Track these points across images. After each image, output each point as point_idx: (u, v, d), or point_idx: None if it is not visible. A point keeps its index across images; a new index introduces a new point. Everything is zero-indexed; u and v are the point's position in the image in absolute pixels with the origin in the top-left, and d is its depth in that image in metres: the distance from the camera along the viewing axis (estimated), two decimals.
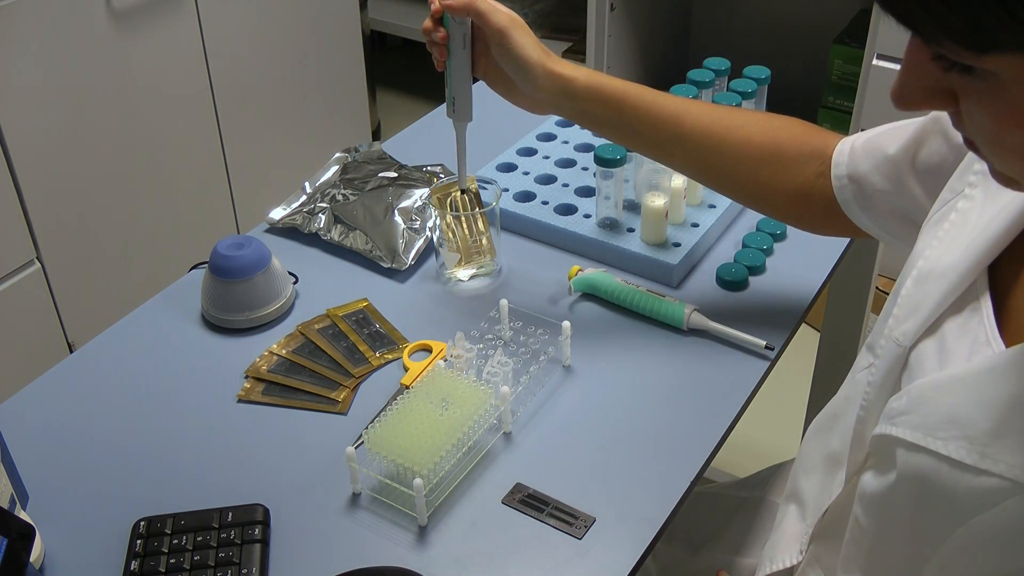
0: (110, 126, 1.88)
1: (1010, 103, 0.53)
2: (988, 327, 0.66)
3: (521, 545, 0.85)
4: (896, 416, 0.69)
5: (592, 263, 1.17)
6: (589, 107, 1.00)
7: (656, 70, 2.81)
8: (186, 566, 0.82)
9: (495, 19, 0.98)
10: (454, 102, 1.05)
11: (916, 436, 0.66)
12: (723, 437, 0.95)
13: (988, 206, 0.72)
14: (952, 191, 0.76)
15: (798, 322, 1.08)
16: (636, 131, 1.01)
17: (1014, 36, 0.49)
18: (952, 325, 0.69)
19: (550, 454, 0.94)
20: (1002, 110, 0.54)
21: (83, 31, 1.78)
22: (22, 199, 1.74)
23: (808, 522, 0.86)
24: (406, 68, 3.45)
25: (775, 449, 1.94)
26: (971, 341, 0.67)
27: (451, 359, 1.01)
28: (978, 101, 0.55)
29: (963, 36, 0.50)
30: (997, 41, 0.49)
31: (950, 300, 0.70)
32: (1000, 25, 0.48)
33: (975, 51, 0.51)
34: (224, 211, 2.21)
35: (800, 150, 0.98)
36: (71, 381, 1.05)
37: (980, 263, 0.69)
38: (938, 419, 0.64)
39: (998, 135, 0.55)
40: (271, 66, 2.21)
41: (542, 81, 0.99)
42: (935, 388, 0.66)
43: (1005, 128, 0.55)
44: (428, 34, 1.01)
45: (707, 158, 1.01)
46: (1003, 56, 0.50)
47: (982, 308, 0.67)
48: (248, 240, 1.10)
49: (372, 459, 0.89)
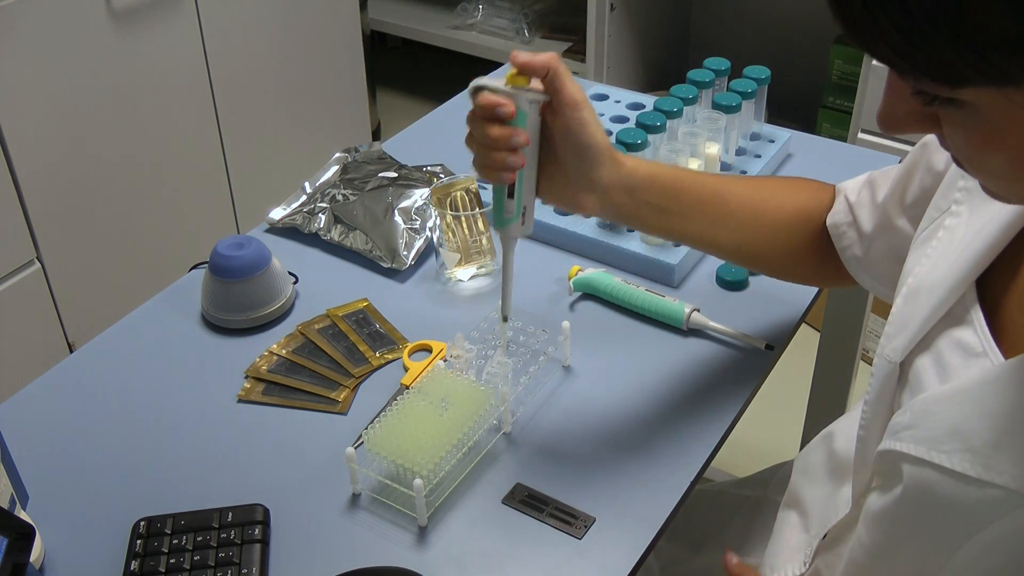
0: (110, 126, 1.88)
1: (989, 129, 0.54)
2: (983, 339, 0.67)
3: (521, 545, 0.85)
4: (900, 431, 0.69)
5: (592, 263, 1.17)
6: (647, 196, 0.89)
7: (656, 70, 2.81)
8: (186, 566, 0.82)
9: (572, 89, 0.82)
10: (524, 212, 0.86)
11: (920, 451, 0.66)
12: (723, 437, 0.95)
13: (974, 220, 0.73)
14: (938, 209, 0.77)
15: (798, 322, 1.08)
16: (687, 216, 0.92)
17: (983, 73, 0.50)
18: (947, 339, 0.70)
19: (550, 454, 0.94)
20: (982, 135, 0.55)
21: (83, 31, 1.78)
22: (22, 199, 1.74)
23: (812, 534, 0.86)
24: (406, 68, 3.45)
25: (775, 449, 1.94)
26: (968, 354, 0.67)
27: (451, 359, 1.01)
28: (959, 127, 0.56)
29: (935, 74, 0.52)
30: (968, 78, 0.51)
31: (939, 314, 0.71)
32: (968, 64, 0.50)
33: (949, 86, 0.52)
34: (224, 211, 2.21)
35: (822, 215, 0.97)
36: (71, 381, 1.05)
37: (968, 276, 0.70)
38: (941, 432, 0.65)
39: (980, 158, 0.57)
40: (271, 66, 2.21)
41: (607, 168, 0.85)
42: (937, 402, 0.66)
43: (986, 152, 0.56)
44: (504, 140, 0.81)
45: (749, 233, 0.95)
46: (977, 88, 0.52)
47: (974, 321, 0.68)
48: (248, 240, 1.10)
49: (372, 459, 0.89)
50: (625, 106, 1.46)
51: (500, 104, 0.80)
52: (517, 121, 0.81)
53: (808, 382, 1.61)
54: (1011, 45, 0.49)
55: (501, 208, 0.85)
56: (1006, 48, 0.49)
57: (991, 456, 0.61)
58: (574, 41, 2.84)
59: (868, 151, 1.39)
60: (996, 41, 0.49)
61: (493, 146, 0.81)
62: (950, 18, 0.48)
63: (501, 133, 0.80)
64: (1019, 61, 0.49)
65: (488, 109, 0.80)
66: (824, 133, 2.47)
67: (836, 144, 1.44)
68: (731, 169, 1.29)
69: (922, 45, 0.50)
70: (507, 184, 0.83)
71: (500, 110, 0.80)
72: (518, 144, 0.81)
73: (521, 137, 0.80)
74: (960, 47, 0.49)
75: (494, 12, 2.96)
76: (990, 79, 0.51)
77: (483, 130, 0.81)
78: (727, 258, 1.02)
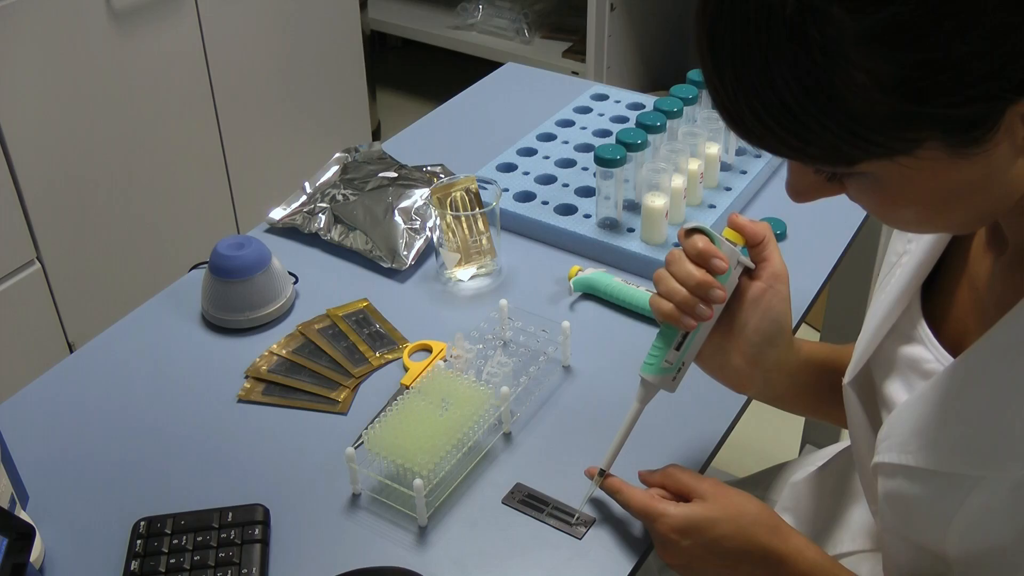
0: (110, 126, 1.88)
1: (888, 191, 0.59)
2: (934, 350, 0.71)
3: (521, 545, 0.85)
4: (880, 443, 0.73)
5: (592, 263, 1.17)
6: (804, 376, 0.88)
7: (656, 70, 2.81)
8: (186, 566, 0.82)
9: (780, 261, 0.81)
10: (679, 371, 0.83)
11: (892, 456, 0.71)
12: (723, 437, 0.95)
13: (919, 249, 0.77)
14: (895, 252, 0.80)
15: (798, 322, 1.08)
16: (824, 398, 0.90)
17: (871, 152, 0.55)
18: (903, 359, 0.74)
19: (550, 454, 0.94)
20: (886, 197, 0.59)
21: (83, 31, 1.78)
22: (22, 199, 1.74)
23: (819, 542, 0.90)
24: (406, 68, 3.45)
25: (775, 449, 1.94)
26: (921, 361, 0.72)
27: (451, 359, 1.01)
28: (861, 192, 0.61)
29: (829, 159, 0.56)
30: (858, 157, 0.55)
31: (885, 329, 0.76)
32: (855, 147, 0.54)
33: (845, 165, 0.57)
34: (224, 211, 2.21)
35: None
36: (71, 381, 1.05)
37: (910, 286, 0.75)
38: (907, 435, 0.69)
39: (887, 214, 0.62)
40: (271, 66, 2.21)
41: (784, 350, 0.83)
42: (904, 408, 0.71)
43: (891, 209, 0.61)
44: (703, 288, 0.77)
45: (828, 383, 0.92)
46: (870, 162, 0.56)
47: (922, 336, 0.72)
48: (248, 240, 1.10)
49: (372, 459, 0.89)
50: (625, 106, 1.47)
51: (717, 256, 0.77)
52: (721, 277, 0.78)
53: None
54: (891, 124, 0.52)
55: (661, 356, 0.81)
56: (887, 127, 0.53)
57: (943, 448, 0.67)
58: (574, 41, 2.84)
59: None
60: (876, 123, 0.52)
61: (691, 289, 0.78)
62: (829, 111, 0.52)
63: (705, 279, 0.77)
64: (902, 135, 0.53)
65: (703, 256, 0.78)
66: None
67: None
68: (731, 169, 1.29)
69: (809, 137, 0.54)
70: (683, 330, 0.80)
71: (715, 263, 0.77)
72: (715, 299, 0.78)
73: (720, 293, 0.78)
74: (844, 134, 0.53)
75: (494, 12, 2.96)
76: (880, 154, 0.55)
77: (687, 269, 0.78)
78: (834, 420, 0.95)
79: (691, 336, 0.81)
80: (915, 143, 0.54)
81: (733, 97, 0.55)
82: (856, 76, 0.51)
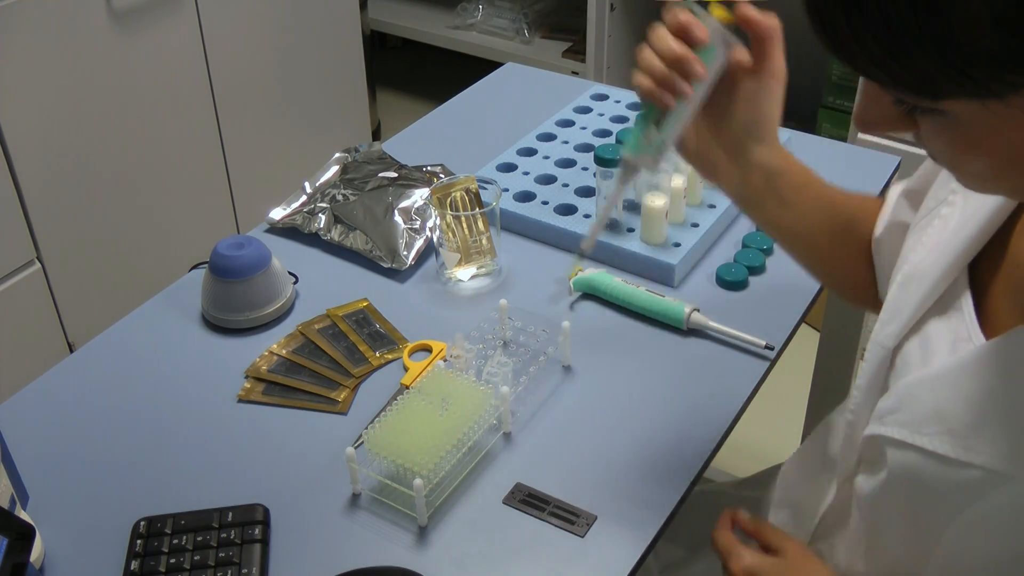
0: (110, 126, 1.88)
1: (969, 137, 0.55)
2: (969, 323, 0.68)
3: (522, 545, 0.85)
4: (885, 415, 0.70)
5: (592, 263, 1.17)
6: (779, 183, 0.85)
7: None
8: (186, 566, 0.82)
9: (781, 61, 0.81)
10: (660, 148, 0.79)
11: (903, 434, 0.67)
12: (723, 437, 0.95)
13: (967, 208, 0.74)
14: (936, 199, 0.78)
15: (798, 322, 1.08)
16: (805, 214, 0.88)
17: (965, 88, 0.51)
18: (935, 324, 0.71)
19: (550, 454, 0.94)
20: (962, 143, 0.56)
21: (83, 31, 1.78)
22: (22, 199, 1.74)
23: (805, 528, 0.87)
24: (406, 68, 3.45)
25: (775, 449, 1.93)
26: (954, 338, 0.69)
27: (451, 359, 1.01)
28: (938, 133, 0.57)
29: (917, 88, 0.53)
30: (950, 91, 0.52)
31: (931, 300, 0.72)
32: (950, 79, 0.51)
33: (930, 98, 0.53)
34: (224, 211, 2.21)
35: None
36: (71, 381, 1.05)
37: (959, 262, 0.71)
38: (923, 415, 0.66)
39: (956, 161, 0.58)
40: (271, 66, 2.21)
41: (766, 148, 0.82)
42: (920, 385, 0.68)
43: (966, 157, 0.57)
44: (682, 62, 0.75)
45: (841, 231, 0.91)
46: (957, 100, 0.53)
47: (963, 306, 0.69)
48: (248, 240, 1.10)
49: (372, 459, 0.89)
50: (625, 106, 1.47)
51: (696, 26, 0.75)
52: (703, 54, 0.75)
53: (808, 382, 1.61)
54: (994, 62, 0.49)
55: (640, 134, 0.79)
56: (989, 65, 0.50)
57: (970, 437, 0.63)
58: (574, 41, 2.84)
59: (868, 151, 1.39)
60: (980, 58, 0.49)
61: (668, 62, 0.75)
62: (934, 35, 0.49)
63: (684, 52, 0.75)
64: (1001, 76, 0.50)
65: (681, 28, 0.75)
66: (824, 133, 2.47)
67: (836, 144, 1.44)
68: None
69: (905, 61, 0.51)
70: (661, 106, 0.76)
71: (693, 31, 0.75)
72: (694, 73, 0.75)
73: (699, 68, 0.75)
74: (943, 63, 0.50)
75: (494, 12, 2.96)
76: (972, 93, 0.52)
77: (666, 42, 0.75)
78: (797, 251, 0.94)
79: (672, 114, 0.77)
80: (1013, 87, 0.51)
81: (831, 3, 0.52)
82: (971, 3, 0.47)
